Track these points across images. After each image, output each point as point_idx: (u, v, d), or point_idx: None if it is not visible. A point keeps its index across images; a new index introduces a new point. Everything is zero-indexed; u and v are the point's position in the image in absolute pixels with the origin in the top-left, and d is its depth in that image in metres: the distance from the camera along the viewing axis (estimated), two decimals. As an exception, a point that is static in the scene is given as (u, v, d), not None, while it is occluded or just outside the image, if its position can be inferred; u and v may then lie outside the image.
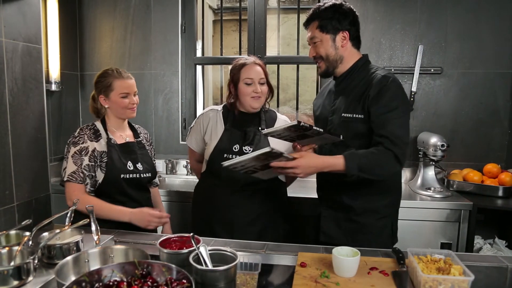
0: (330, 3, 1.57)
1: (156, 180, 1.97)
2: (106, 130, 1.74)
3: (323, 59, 1.60)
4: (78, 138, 1.69)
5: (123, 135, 1.79)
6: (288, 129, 1.39)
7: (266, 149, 1.30)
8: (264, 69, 1.77)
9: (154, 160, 1.91)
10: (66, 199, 1.66)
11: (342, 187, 1.59)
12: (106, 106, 1.75)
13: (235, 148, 1.74)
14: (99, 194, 1.70)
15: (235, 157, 1.60)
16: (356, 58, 1.61)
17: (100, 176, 1.68)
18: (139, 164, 1.77)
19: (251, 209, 1.75)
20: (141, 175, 1.76)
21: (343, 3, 1.58)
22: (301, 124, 1.34)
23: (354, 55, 1.61)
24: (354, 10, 1.60)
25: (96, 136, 1.72)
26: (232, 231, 1.73)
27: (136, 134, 1.86)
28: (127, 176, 1.72)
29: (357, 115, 1.53)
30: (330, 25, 1.55)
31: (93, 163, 1.68)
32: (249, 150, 1.72)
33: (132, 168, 1.74)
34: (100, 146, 1.70)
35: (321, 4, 1.59)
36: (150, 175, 1.81)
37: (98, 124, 1.76)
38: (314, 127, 1.39)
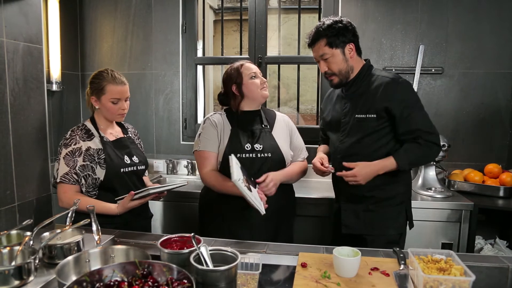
0: (330, 21, 1.70)
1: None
2: (97, 129, 1.78)
3: (335, 74, 1.73)
4: (69, 139, 1.71)
5: (113, 132, 1.84)
6: None
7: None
8: None
9: (143, 153, 1.95)
10: (58, 200, 1.67)
11: None
12: (97, 107, 1.78)
13: (247, 147, 1.79)
14: (103, 191, 1.72)
15: (248, 155, 1.76)
16: (361, 65, 1.76)
17: (101, 173, 1.70)
18: (134, 157, 1.82)
19: (268, 206, 1.76)
20: (138, 167, 1.82)
21: (342, 18, 1.71)
22: None
23: (359, 62, 1.77)
24: (351, 22, 1.73)
25: (89, 135, 1.75)
26: (251, 229, 1.76)
27: (124, 130, 1.92)
28: (126, 170, 1.76)
29: (370, 115, 1.69)
30: (337, 40, 1.69)
31: (89, 162, 1.69)
32: (260, 147, 1.78)
33: (129, 161, 1.79)
34: (95, 144, 1.73)
35: (320, 23, 1.71)
36: (144, 167, 1.88)
37: (89, 124, 1.79)
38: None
